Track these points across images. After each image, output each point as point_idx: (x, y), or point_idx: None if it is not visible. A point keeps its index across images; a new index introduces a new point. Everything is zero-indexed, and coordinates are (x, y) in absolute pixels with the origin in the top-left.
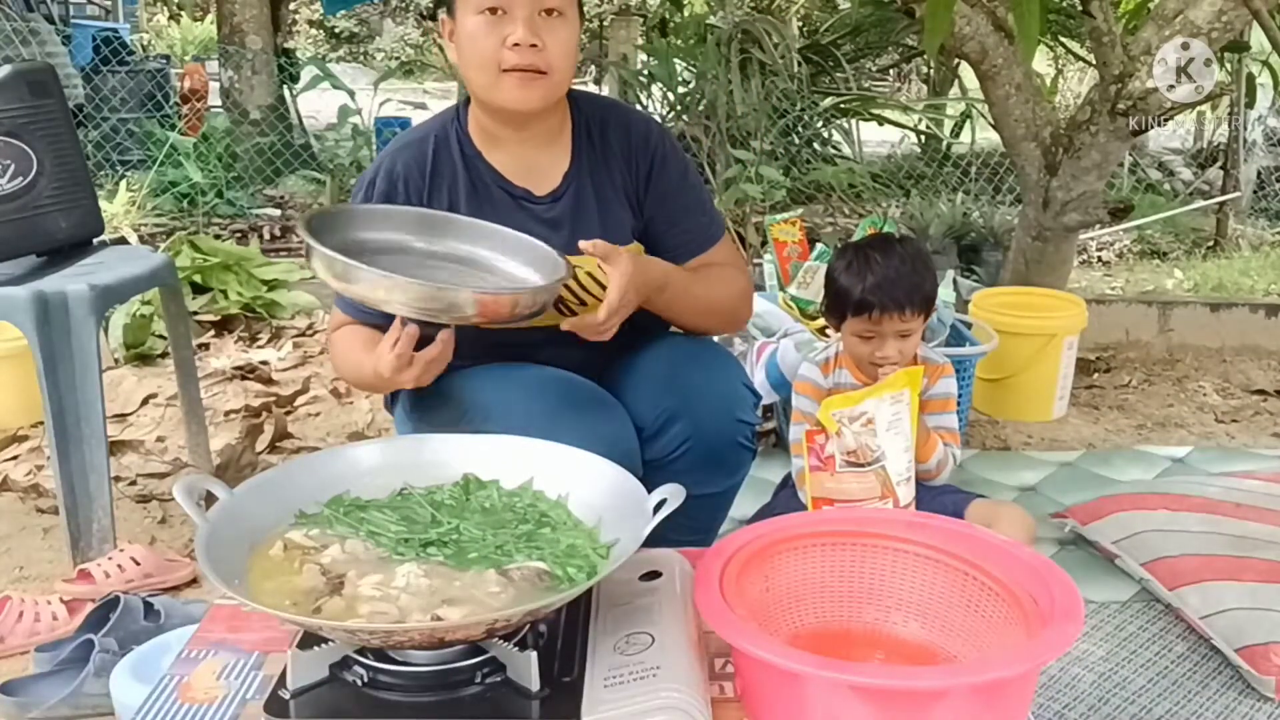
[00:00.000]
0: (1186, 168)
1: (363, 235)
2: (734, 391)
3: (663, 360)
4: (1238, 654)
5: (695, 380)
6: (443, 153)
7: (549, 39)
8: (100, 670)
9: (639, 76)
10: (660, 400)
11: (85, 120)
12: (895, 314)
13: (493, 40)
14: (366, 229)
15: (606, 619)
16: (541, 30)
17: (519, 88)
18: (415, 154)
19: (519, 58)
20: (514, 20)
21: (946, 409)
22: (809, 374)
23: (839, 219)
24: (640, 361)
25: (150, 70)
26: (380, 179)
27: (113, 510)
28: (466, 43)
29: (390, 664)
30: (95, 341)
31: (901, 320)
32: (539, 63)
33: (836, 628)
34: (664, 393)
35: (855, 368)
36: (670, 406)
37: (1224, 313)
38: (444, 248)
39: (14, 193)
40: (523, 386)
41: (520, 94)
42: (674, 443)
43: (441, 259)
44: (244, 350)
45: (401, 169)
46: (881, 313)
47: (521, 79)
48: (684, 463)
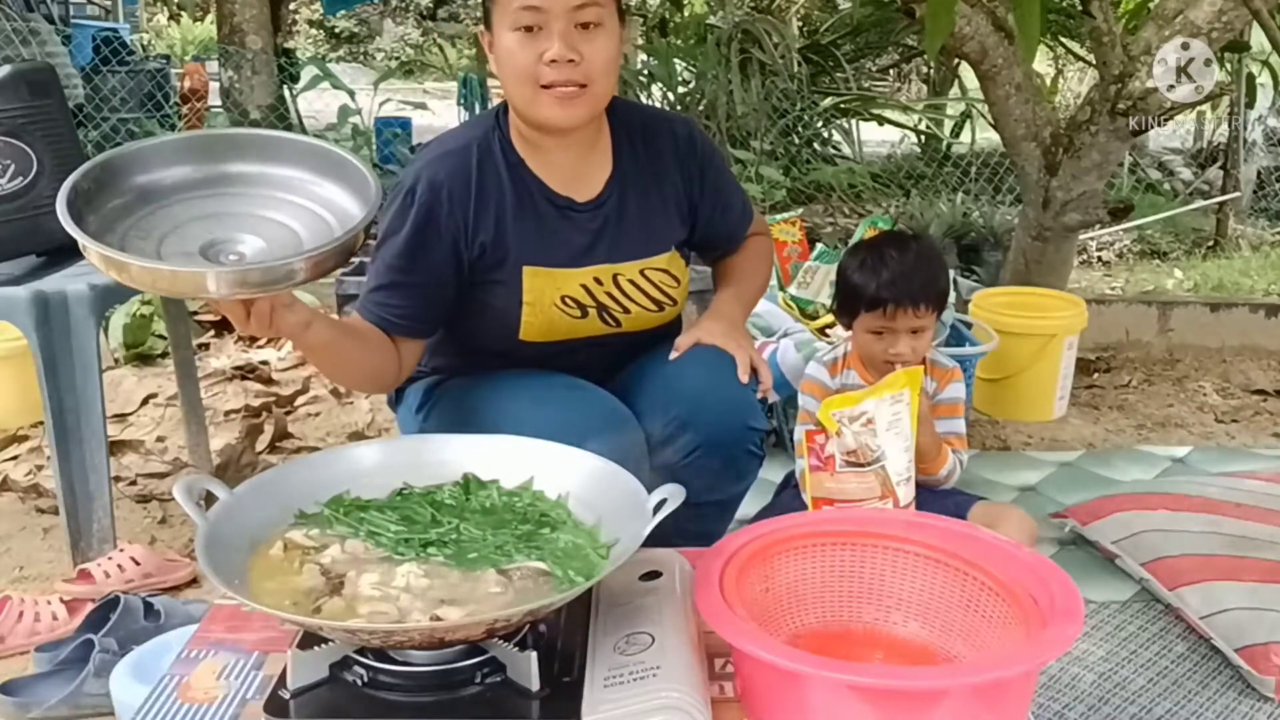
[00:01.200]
0: (1186, 168)
1: (143, 179)
2: (744, 398)
3: (673, 366)
4: (1238, 654)
5: (706, 387)
6: (486, 163)
7: (587, 50)
8: (100, 670)
9: (639, 76)
10: (671, 407)
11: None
12: (910, 309)
13: (529, 56)
14: (144, 172)
15: (606, 619)
16: (579, 43)
17: (558, 105)
18: (458, 164)
19: (556, 74)
20: (550, 35)
21: (955, 414)
22: (816, 374)
23: (839, 219)
24: (650, 368)
25: (150, 70)
26: (422, 190)
27: (113, 510)
28: (504, 58)
29: (390, 664)
30: (95, 341)
31: (916, 316)
32: (577, 77)
33: (836, 628)
34: (674, 400)
35: (864, 368)
36: (681, 414)
37: (1224, 313)
38: (239, 169)
39: (14, 193)
40: (534, 396)
41: (560, 111)
42: (684, 450)
43: (244, 186)
44: (244, 350)
45: (445, 179)
46: (896, 307)
47: (561, 96)
48: (693, 469)
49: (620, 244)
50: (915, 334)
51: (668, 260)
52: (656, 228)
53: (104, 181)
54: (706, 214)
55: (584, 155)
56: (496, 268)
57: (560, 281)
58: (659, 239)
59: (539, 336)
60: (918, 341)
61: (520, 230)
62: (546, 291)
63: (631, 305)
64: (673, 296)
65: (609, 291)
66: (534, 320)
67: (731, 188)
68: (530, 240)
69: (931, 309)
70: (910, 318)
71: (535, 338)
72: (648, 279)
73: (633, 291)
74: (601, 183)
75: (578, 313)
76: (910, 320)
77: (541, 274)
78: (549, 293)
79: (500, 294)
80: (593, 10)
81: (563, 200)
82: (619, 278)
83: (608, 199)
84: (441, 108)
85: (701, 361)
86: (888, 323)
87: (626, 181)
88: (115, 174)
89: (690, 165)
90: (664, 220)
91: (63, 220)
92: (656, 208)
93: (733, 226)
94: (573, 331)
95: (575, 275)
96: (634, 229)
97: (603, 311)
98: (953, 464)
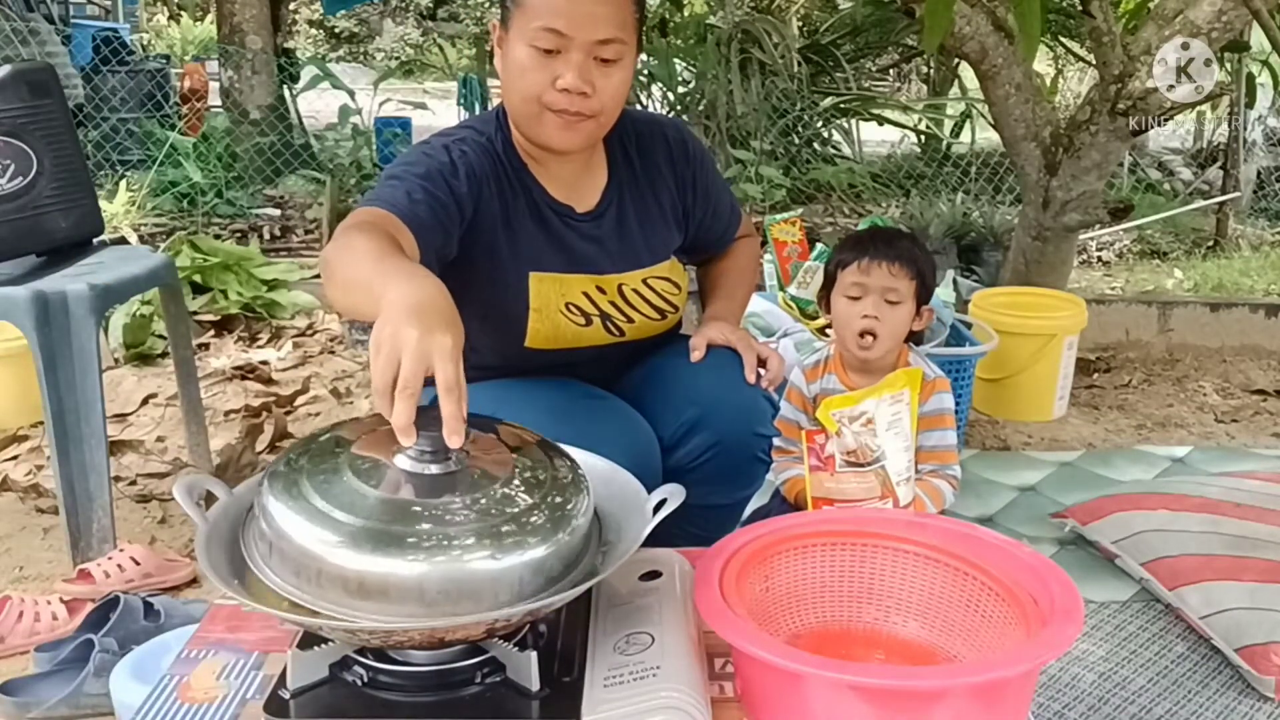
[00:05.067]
0: (1186, 168)
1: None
2: (753, 404)
3: (684, 370)
4: (1238, 654)
5: (716, 391)
6: (499, 167)
7: (601, 84)
8: (100, 670)
9: (639, 76)
10: (681, 411)
11: (85, 120)
12: (885, 264)
13: (542, 77)
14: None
15: (606, 619)
16: (594, 76)
17: (562, 129)
18: (487, 161)
19: (566, 102)
20: (568, 62)
21: (942, 425)
22: (796, 381)
23: (839, 219)
24: (661, 372)
25: (150, 70)
26: (463, 174)
27: (113, 510)
28: (514, 69)
29: (390, 664)
30: (95, 341)
31: (890, 274)
32: (586, 109)
33: (836, 628)
34: (685, 403)
35: (843, 371)
36: (691, 417)
37: (1224, 313)
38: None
39: (14, 193)
40: (545, 403)
41: (562, 136)
42: (694, 453)
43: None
44: (244, 350)
45: (479, 173)
46: (871, 260)
47: (565, 121)
48: (702, 473)
49: (623, 254)
50: (890, 304)
51: (669, 268)
52: (656, 236)
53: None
54: (699, 217)
55: (581, 168)
56: (497, 265)
57: (566, 288)
58: (660, 247)
59: (545, 344)
60: (893, 315)
61: (527, 235)
62: (552, 298)
63: (635, 315)
64: (675, 304)
65: (612, 300)
66: (540, 327)
67: (721, 190)
68: (537, 246)
69: (908, 277)
70: (885, 274)
71: (541, 345)
72: (651, 288)
73: (637, 301)
74: (598, 193)
75: (582, 320)
76: (884, 278)
77: (548, 279)
78: (555, 299)
79: (507, 300)
80: (615, 47)
81: (563, 208)
82: (624, 287)
83: (606, 209)
84: (441, 108)
85: (712, 363)
86: (862, 277)
87: (623, 191)
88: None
89: (683, 169)
90: (663, 227)
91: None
92: (655, 216)
93: (723, 229)
94: (577, 340)
95: (579, 282)
96: (634, 240)
97: (606, 320)
98: (948, 497)
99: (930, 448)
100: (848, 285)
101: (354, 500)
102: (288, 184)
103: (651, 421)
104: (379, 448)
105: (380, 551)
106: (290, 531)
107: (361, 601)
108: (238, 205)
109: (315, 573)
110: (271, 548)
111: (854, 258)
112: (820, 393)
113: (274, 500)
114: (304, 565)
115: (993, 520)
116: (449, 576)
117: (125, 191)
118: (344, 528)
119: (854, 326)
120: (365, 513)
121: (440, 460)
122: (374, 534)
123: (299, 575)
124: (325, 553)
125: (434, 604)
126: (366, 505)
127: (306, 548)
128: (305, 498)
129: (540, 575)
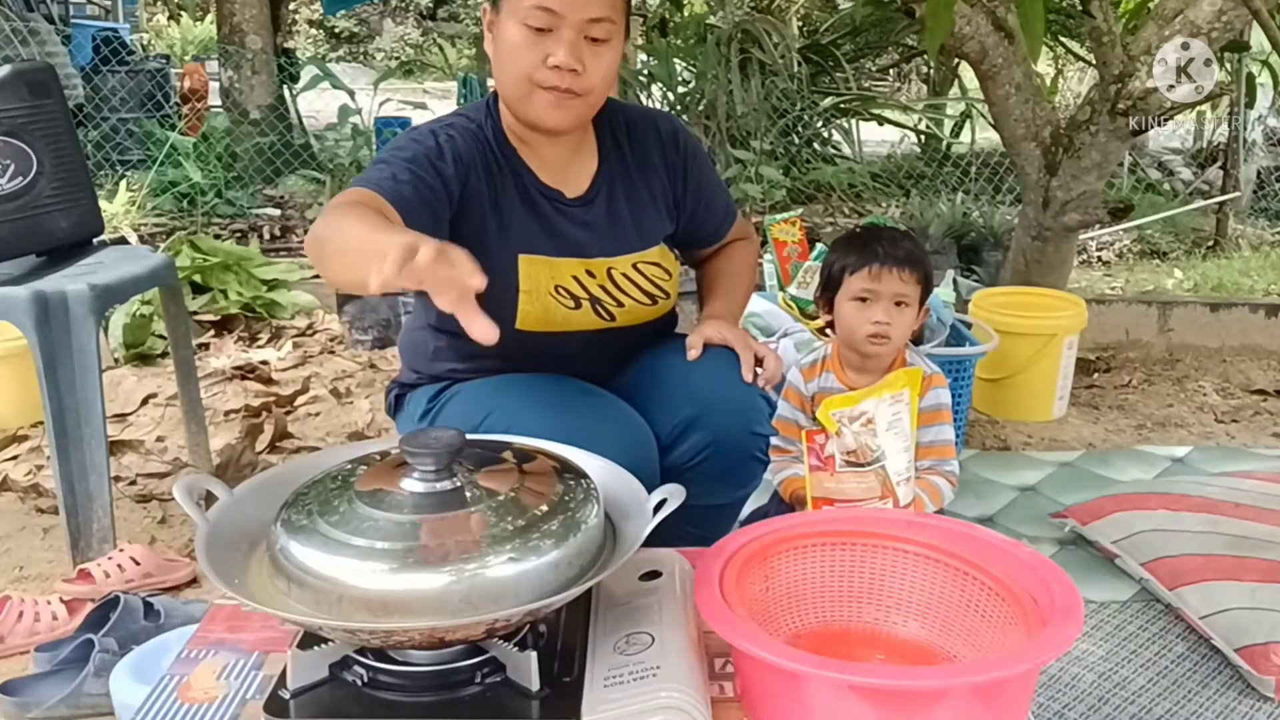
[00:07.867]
0: (1186, 168)
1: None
2: (750, 403)
3: (680, 369)
4: (1238, 654)
5: (713, 389)
6: (488, 152)
7: (590, 63)
8: (100, 670)
9: (639, 76)
10: (678, 409)
11: (85, 120)
12: (895, 270)
13: (532, 56)
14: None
15: (606, 619)
16: (584, 55)
17: (552, 107)
18: (475, 146)
19: (556, 79)
20: (558, 40)
21: (939, 420)
22: (794, 380)
23: (839, 219)
24: (657, 370)
25: (150, 70)
26: (449, 157)
27: (113, 510)
28: (505, 49)
29: (390, 664)
30: (95, 341)
31: (901, 280)
32: (576, 86)
33: (836, 628)
34: (682, 401)
35: (841, 369)
36: (688, 415)
37: (1224, 313)
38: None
39: (14, 193)
40: (543, 399)
41: (552, 114)
42: (691, 452)
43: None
44: (244, 350)
45: (465, 158)
46: (882, 266)
47: (555, 99)
48: (698, 472)
49: (612, 239)
50: (899, 306)
51: (659, 254)
52: (647, 222)
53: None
54: (690, 208)
55: (571, 152)
56: (486, 247)
57: (555, 271)
58: (649, 233)
59: (535, 326)
60: (901, 317)
61: (515, 219)
62: (542, 280)
63: (625, 299)
64: (665, 289)
65: (602, 285)
66: (530, 309)
67: (715, 184)
68: (526, 229)
69: (916, 281)
70: (896, 280)
71: (532, 327)
72: (640, 272)
73: (626, 285)
74: (588, 179)
75: (571, 304)
76: (895, 284)
77: (538, 262)
78: (544, 281)
79: (497, 281)
80: (605, 26)
81: (553, 193)
82: (613, 271)
83: (596, 195)
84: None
85: (709, 361)
86: (873, 283)
87: (614, 178)
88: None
89: (674, 159)
90: (653, 214)
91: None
92: (645, 202)
93: (716, 223)
94: (567, 323)
95: (568, 265)
96: (625, 226)
97: (596, 304)
98: (946, 494)
99: (928, 443)
100: (856, 290)
101: (369, 526)
102: (288, 184)
103: (648, 420)
104: (383, 478)
105: (403, 570)
106: (312, 565)
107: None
108: (238, 205)
109: (337, 598)
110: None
111: (862, 263)
112: (818, 391)
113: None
114: (325, 594)
115: (993, 520)
116: (473, 588)
117: (125, 191)
118: (362, 551)
119: (864, 330)
120: (382, 535)
121: (445, 478)
122: (394, 555)
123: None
124: (348, 578)
125: (457, 614)
126: (380, 529)
127: (330, 576)
128: (320, 531)
129: (556, 580)
